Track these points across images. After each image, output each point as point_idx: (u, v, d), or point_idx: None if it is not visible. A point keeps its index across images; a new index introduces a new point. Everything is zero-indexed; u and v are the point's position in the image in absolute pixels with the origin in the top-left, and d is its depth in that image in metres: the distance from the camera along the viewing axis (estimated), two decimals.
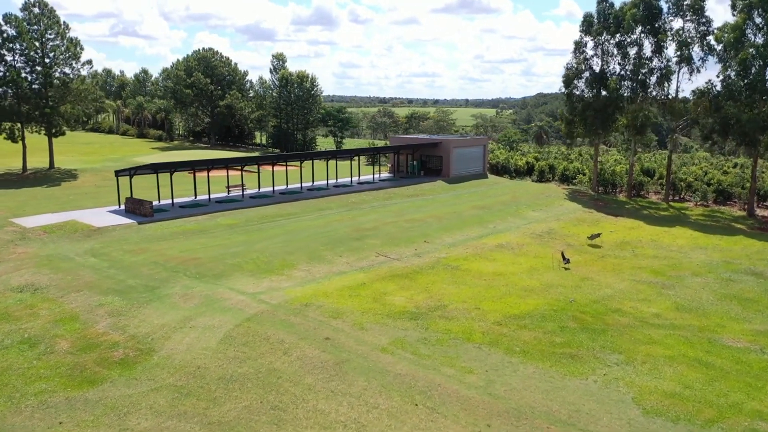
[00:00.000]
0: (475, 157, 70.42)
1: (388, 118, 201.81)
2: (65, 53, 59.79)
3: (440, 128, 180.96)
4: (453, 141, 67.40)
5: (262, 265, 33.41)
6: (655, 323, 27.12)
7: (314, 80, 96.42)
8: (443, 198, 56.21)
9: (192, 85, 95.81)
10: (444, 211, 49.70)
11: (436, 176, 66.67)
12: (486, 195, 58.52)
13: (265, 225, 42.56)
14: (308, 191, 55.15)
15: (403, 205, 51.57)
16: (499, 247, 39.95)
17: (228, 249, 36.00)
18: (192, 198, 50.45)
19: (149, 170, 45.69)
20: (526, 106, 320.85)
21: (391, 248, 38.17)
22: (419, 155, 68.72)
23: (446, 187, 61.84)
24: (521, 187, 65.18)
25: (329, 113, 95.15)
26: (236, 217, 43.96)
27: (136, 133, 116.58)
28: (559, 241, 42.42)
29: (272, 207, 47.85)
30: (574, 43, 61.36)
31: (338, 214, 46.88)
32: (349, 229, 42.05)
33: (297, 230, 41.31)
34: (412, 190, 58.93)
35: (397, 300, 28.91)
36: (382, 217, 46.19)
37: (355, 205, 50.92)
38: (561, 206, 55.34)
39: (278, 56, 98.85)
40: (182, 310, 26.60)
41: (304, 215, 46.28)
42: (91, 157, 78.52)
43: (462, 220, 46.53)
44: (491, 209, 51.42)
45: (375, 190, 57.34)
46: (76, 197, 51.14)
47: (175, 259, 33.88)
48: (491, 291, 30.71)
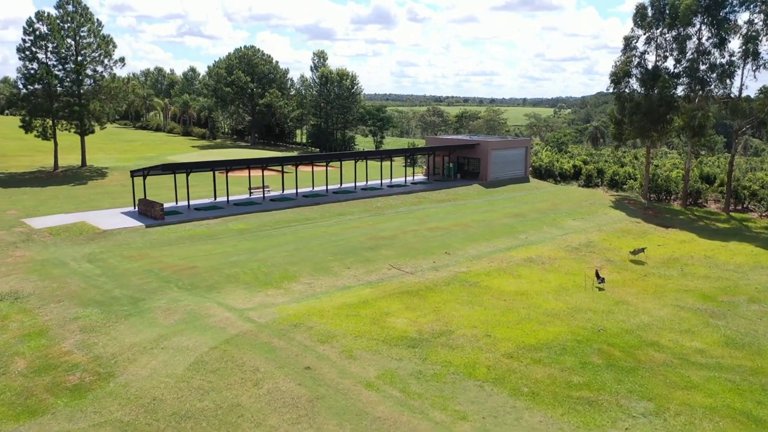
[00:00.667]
0: (516, 160, 66.24)
1: (437, 117, 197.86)
2: (97, 51, 59.38)
3: (490, 128, 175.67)
4: (492, 142, 63.54)
5: (261, 276, 30.97)
6: (698, 362, 23.04)
7: (354, 78, 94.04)
8: (476, 204, 52.57)
9: (232, 83, 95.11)
10: (473, 218, 46.14)
11: (472, 180, 62.97)
12: (523, 201, 54.48)
13: (277, 231, 40.23)
14: (333, 194, 52.62)
15: (430, 211, 48.31)
16: (527, 261, 36.21)
17: (229, 257, 33.77)
18: (211, 200, 48.76)
19: (166, 171, 44.22)
20: (585, 105, 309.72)
21: (406, 260, 35.08)
22: (456, 157, 65.16)
23: (482, 192, 58.09)
24: (564, 192, 60.67)
25: (369, 112, 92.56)
26: (249, 222, 41.82)
27: (181, 131, 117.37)
28: (597, 255, 38.28)
29: (291, 211, 45.53)
30: (624, 38, 56.50)
31: (358, 220, 44.10)
32: (365, 237, 39.19)
33: (309, 237, 38.76)
34: (444, 194, 55.52)
35: (398, 322, 25.84)
36: (404, 225, 43.10)
37: (380, 210, 48.01)
38: (605, 215, 50.75)
39: (319, 54, 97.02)
40: (160, 328, 24.37)
41: (322, 220, 43.71)
42: (127, 155, 78.66)
43: (491, 230, 42.90)
44: (526, 217, 47.47)
45: (404, 194, 54.27)
46: (98, 197, 50.32)
47: (172, 267, 31.87)
48: (508, 314, 27.20)
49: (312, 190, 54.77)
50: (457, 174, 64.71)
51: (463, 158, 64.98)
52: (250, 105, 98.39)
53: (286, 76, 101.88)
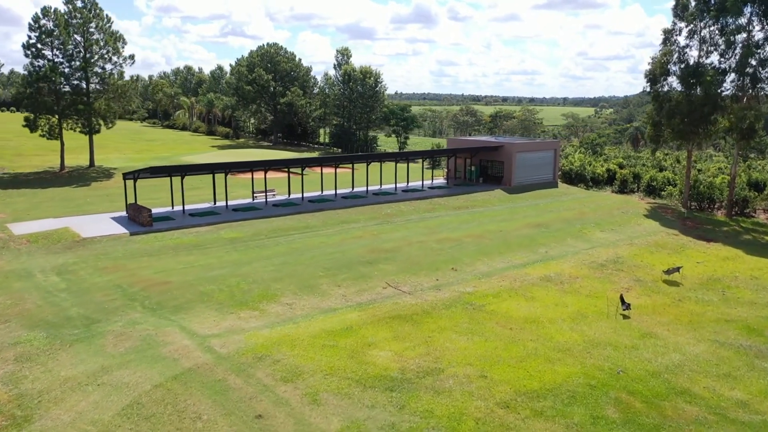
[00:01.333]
0: (544, 163, 61.72)
1: (470, 117, 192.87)
2: (105, 47, 57.40)
3: (525, 128, 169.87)
4: (516, 144, 59.19)
5: (238, 294, 27.78)
6: (738, 419, 18.80)
7: (378, 76, 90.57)
8: (495, 211, 48.45)
9: (253, 81, 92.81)
10: (489, 228, 42.11)
11: (495, 184, 58.78)
12: (548, 209, 50.07)
13: (271, 240, 37.07)
14: (342, 199, 49.27)
15: (443, 220, 44.46)
16: (544, 280, 32.12)
17: (210, 271, 30.71)
18: (210, 204, 46.00)
19: (156, 173, 41.54)
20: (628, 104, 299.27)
21: (406, 277, 31.44)
22: (478, 160, 61.06)
23: (504, 198, 53.87)
24: (594, 199, 55.93)
25: (392, 112, 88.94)
26: (243, 230, 38.79)
27: (206, 130, 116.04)
28: (625, 273, 33.89)
29: (292, 218, 42.35)
30: (663, 31, 51.39)
31: (362, 229, 40.61)
32: (364, 249, 35.67)
33: (304, 249, 35.46)
34: (462, 200, 51.54)
35: (381, 356, 22.26)
36: (411, 235, 39.41)
37: (388, 218, 44.41)
38: (638, 226, 46.00)
39: (343, 51, 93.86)
40: (105, 357, 21.37)
41: (324, 229, 40.39)
42: (143, 154, 77.02)
43: (507, 242, 38.83)
44: (549, 228, 43.18)
45: (419, 199, 50.54)
46: (96, 199, 48.16)
47: (144, 281, 28.98)
48: (512, 348, 23.32)
49: (321, 194, 51.55)
50: (480, 178, 60.60)
51: (486, 161, 60.82)
52: (271, 104, 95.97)
53: (309, 74, 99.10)
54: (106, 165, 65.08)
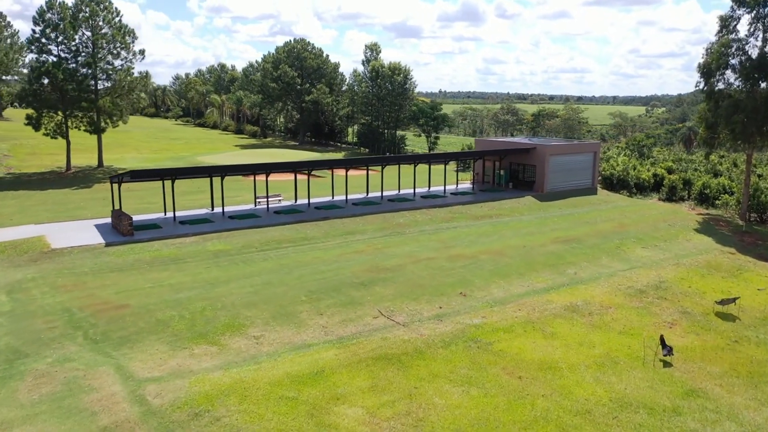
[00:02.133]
0: (581, 168, 55.97)
1: (511, 116, 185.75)
2: (112, 42, 54.59)
3: (568, 128, 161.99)
4: (550, 147, 53.65)
5: (200, 323, 23.76)
6: None
7: (408, 73, 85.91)
8: (522, 222, 43.26)
9: (278, 78, 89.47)
10: (511, 243, 37.05)
11: (526, 190, 53.43)
12: (583, 220, 44.54)
13: (260, 254, 33.03)
14: (352, 206, 44.95)
15: (460, 232, 39.60)
16: (569, 309, 27.04)
17: (177, 292, 26.83)
18: (207, 211, 42.38)
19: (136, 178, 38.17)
20: (681, 103, 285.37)
21: (404, 303, 26.87)
22: (508, 163, 55.78)
23: (534, 206, 48.52)
24: (637, 209, 49.96)
25: (421, 110, 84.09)
26: (233, 241, 34.89)
27: (235, 128, 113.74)
28: (669, 303, 28.45)
29: (291, 228, 38.27)
30: (720, 19, 45.06)
31: (366, 242, 36.18)
32: (362, 266, 31.22)
33: (293, 265, 31.26)
34: (485, 209, 46.48)
35: (347, 417, 17.81)
36: (419, 250, 34.74)
37: (399, 228, 39.85)
38: (687, 242, 40.09)
39: (371, 46, 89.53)
40: (11, 408, 17.62)
41: (323, 241, 36.14)
42: (159, 154, 74.54)
43: (530, 260, 33.73)
44: (581, 243, 37.80)
45: (438, 207, 45.78)
46: (90, 203, 45.23)
47: (98, 305, 25.29)
48: (517, 408, 18.51)
49: (331, 200, 47.38)
50: (509, 183, 55.33)
51: (517, 165, 55.49)
52: (297, 102, 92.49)
53: (337, 70, 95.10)
54: (117, 165, 62.57)
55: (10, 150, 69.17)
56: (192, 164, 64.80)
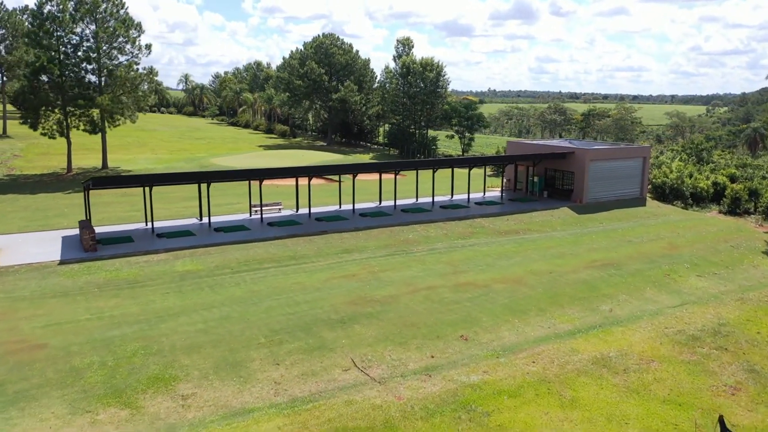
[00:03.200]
0: (628, 175, 49.15)
1: (559, 116, 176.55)
2: (114, 36, 51.09)
3: (620, 128, 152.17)
4: (591, 151, 47.11)
5: (121, 374, 19.07)
6: None
7: (441, 69, 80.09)
8: (553, 240, 37.16)
9: (304, 75, 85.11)
10: (535, 267, 31.12)
11: (562, 200, 47.11)
12: (625, 238, 38.08)
13: (233, 277, 28.26)
14: (359, 217, 39.81)
15: (476, 251, 33.87)
16: (598, 363, 21.16)
17: (112, 328, 22.29)
18: (195, 221, 38.03)
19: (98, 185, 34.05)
20: (745, 102, 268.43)
21: (388, 349, 21.56)
22: (543, 169, 49.53)
23: (569, 220, 42.25)
24: (693, 225, 42.99)
25: (454, 109, 78.03)
26: (208, 260, 30.26)
27: (265, 128, 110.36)
28: (731, 356, 22.17)
29: (281, 243, 33.41)
30: None
31: (361, 263, 30.95)
32: (347, 297, 26.03)
33: (265, 294, 26.34)
34: (513, 222, 40.52)
35: None
36: (422, 275, 29.27)
37: (406, 246, 34.46)
38: (755, 269, 33.23)
39: (404, 41, 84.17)
40: None
41: (313, 261, 31.12)
42: (175, 155, 71.23)
43: (555, 292, 27.80)
44: (621, 269, 31.54)
45: (458, 219, 40.13)
46: (74, 210, 41.59)
47: (12, 344, 20.97)
48: None
49: (338, 209, 42.37)
50: (543, 191, 49.05)
51: (553, 171, 49.17)
52: (324, 100, 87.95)
53: (367, 67, 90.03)
54: (125, 167, 59.29)
55: (23, 149, 67.20)
56: (203, 166, 61.06)
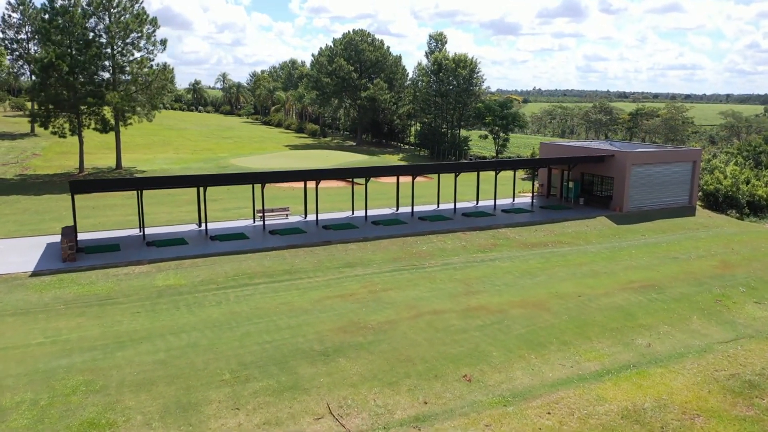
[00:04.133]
0: (675, 181, 44.30)
1: (604, 115, 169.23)
2: (126, 31, 49.03)
3: (669, 128, 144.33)
4: (632, 154, 42.48)
5: (50, 419, 16.23)
6: None
7: (475, 66, 75.93)
8: (587, 255, 32.98)
9: (332, 73, 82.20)
10: (562, 289, 27.11)
11: (600, 209, 42.70)
12: (669, 254, 33.56)
13: (215, 295, 25.31)
14: (371, 226, 36.47)
15: (496, 268, 30.05)
16: (630, 418, 17.25)
17: (61, 357, 19.54)
18: (193, 227, 35.40)
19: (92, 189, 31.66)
20: None
21: (373, 391, 18.12)
22: (579, 173, 45.16)
23: (607, 231, 37.91)
24: (749, 239, 38.00)
25: (488, 107, 73.67)
26: (193, 274, 27.43)
27: (296, 127, 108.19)
28: None
29: (278, 255, 30.37)
30: None
31: (362, 280, 27.58)
32: (336, 322, 22.69)
33: (246, 316, 23.25)
34: (542, 233, 36.47)
35: None
36: (429, 296, 25.68)
37: (417, 260, 30.92)
38: None
39: (437, 37, 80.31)
40: None
41: (309, 277, 27.94)
42: (197, 155, 69.33)
43: (583, 320, 23.80)
44: (664, 292, 27.23)
45: (480, 229, 36.34)
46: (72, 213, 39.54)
47: None
48: None
49: (350, 216, 39.16)
50: (579, 198, 44.67)
51: (590, 176, 44.75)
52: (353, 99, 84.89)
53: (398, 64, 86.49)
54: (141, 167, 57.49)
55: (45, 148, 66.43)
56: (221, 167, 58.85)
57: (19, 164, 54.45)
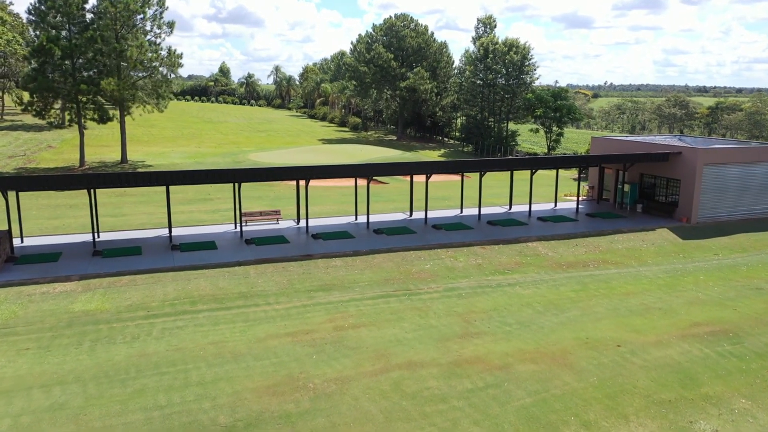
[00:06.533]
0: (761, 185, 35.76)
1: (679, 109, 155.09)
2: (126, 11, 44.52)
3: (754, 124, 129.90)
4: (706, 151, 34.30)
5: None
6: None
7: (527, 52, 68.03)
8: (639, 281, 25.56)
9: (370, 61, 76.13)
10: (594, 333, 20.02)
11: (662, 218, 34.84)
12: (752, 283, 25.59)
13: (137, 327, 19.86)
14: (373, 234, 30.32)
15: (511, 298, 23.19)
16: None
17: None
18: (159, 233, 30.28)
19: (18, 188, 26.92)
20: None
21: None
22: (638, 174, 37.31)
23: (669, 249, 30.15)
24: None
25: (539, 98, 65.43)
26: (125, 296, 22.12)
27: (339, 120, 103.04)
28: None
29: (242, 272, 24.74)
30: None
31: (332, 310, 21.44)
32: (269, 378, 16.66)
33: (153, 361, 17.62)
34: (583, 249, 29.18)
35: None
36: (409, 339, 19.22)
37: (413, 282, 24.50)
38: None
39: (485, 20, 72.83)
40: None
41: (268, 303, 22.10)
42: (219, 148, 65.02)
43: (618, 386, 16.74)
44: (742, 341, 19.68)
45: (506, 242, 29.49)
46: (43, 213, 35.44)
47: None
48: None
49: (352, 221, 33.13)
50: (637, 204, 36.82)
51: (651, 177, 36.81)
52: (393, 89, 78.53)
53: (443, 51, 79.32)
54: (152, 161, 53.44)
55: (64, 141, 63.71)
56: (237, 162, 54.12)
57: (25, 156, 51.57)
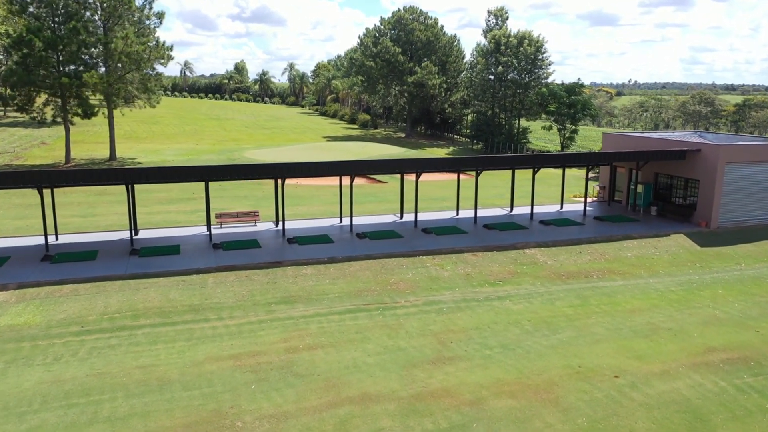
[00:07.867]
0: None
1: (704, 107, 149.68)
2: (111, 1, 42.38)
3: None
4: (728, 148, 31.02)
5: None
6: None
7: (541, 45, 64.75)
8: (646, 297, 22.54)
9: (377, 55, 73.39)
10: (590, 360, 17.11)
11: (679, 222, 31.65)
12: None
13: (63, 347, 17.53)
14: (355, 238, 27.70)
15: (501, 312, 20.36)
16: None
17: None
18: (123, 236, 27.98)
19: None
20: None
21: None
22: (652, 174, 34.12)
23: (684, 257, 27.00)
24: None
25: (552, 93, 61.94)
26: (60, 309, 19.81)
27: (349, 117, 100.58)
28: None
29: (198, 280, 22.30)
30: None
31: (290, 328, 18.84)
32: (191, 416, 14.12)
33: (63, 391, 15.21)
34: (587, 257, 26.20)
35: None
36: (371, 364, 16.55)
37: (389, 294, 21.80)
38: None
39: (497, 12, 69.59)
40: None
41: (220, 318, 19.59)
42: (214, 146, 62.88)
43: (611, 428, 13.85)
44: (764, 370, 16.60)
45: (502, 249, 26.64)
46: (9, 213, 33.45)
47: None
48: None
49: (336, 224, 30.53)
50: (651, 206, 33.61)
51: (667, 177, 33.58)
52: (401, 85, 75.69)
53: (453, 45, 76.20)
54: (143, 158, 51.42)
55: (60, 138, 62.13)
56: (231, 159, 51.92)
57: (14, 153, 49.97)
